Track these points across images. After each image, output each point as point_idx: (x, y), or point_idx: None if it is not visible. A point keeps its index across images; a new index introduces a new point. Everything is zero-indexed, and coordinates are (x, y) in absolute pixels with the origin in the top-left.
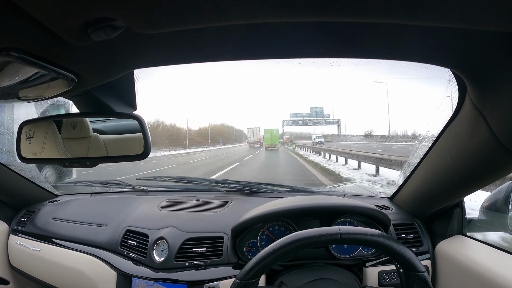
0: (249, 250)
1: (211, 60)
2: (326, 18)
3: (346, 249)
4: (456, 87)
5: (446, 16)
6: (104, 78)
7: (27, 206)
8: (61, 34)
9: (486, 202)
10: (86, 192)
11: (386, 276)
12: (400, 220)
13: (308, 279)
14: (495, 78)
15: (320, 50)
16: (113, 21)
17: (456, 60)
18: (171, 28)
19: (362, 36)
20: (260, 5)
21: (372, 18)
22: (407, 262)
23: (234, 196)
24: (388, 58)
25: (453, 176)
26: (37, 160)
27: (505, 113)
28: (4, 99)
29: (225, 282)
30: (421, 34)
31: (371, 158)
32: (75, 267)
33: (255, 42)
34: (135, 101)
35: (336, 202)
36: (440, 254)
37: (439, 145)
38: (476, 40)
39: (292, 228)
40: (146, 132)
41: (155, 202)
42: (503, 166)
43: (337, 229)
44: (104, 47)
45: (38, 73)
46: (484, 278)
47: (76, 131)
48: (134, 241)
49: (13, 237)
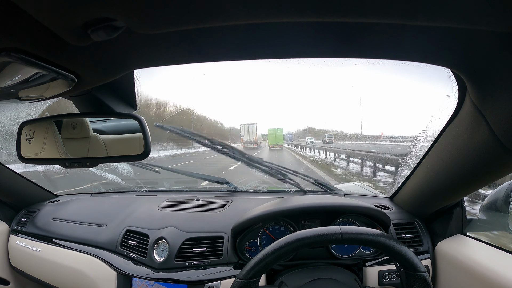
0: (249, 250)
1: (211, 60)
2: (326, 18)
3: (346, 249)
4: (456, 87)
5: (446, 16)
6: (104, 78)
7: (27, 206)
8: (61, 34)
9: (486, 201)
10: (86, 192)
11: (386, 275)
12: (400, 219)
13: (309, 278)
14: (495, 78)
15: (320, 50)
16: (113, 21)
17: (456, 60)
18: (171, 28)
19: (362, 36)
20: (260, 5)
21: (372, 18)
22: (407, 262)
23: (234, 196)
24: (388, 58)
25: (453, 175)
26: (37, 160)
27: (505, 113)
28: (4, 99)
29: (225, 282)
30: (421, 34)
31: (358, 154)
32: (75, 267)
33: (255, 42)
34: (135, 101)
35: (336, 202)
36: (440, 253)
37: (439, 144)
38: (476, 40)
39: (292, 228)
40: (146, 132)
41: (155, 202)
42: (503, 166)
43: (338, 229)
44: (104, 47)
45: (38, 73)
46: (484, 277)
47: (76, 131)
48: (134, 241)
49: (13, 237)
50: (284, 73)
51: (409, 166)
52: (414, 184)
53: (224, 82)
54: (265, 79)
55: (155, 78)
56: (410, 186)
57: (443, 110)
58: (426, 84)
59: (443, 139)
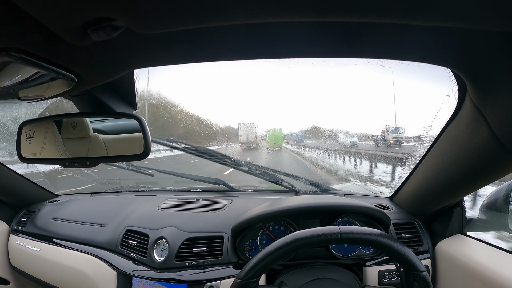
0: (249, 249)
1: (211, 60)
2: (326, 18)
3: (346, 249)
4: (456, 87)
5: (446, 16)
6: (104, 78)
7: (27, 206)
8: (61, 34)
9: (486, 201)
10: (86, 192)
11: (386, 275)
12: (400, 219)
13: (309, 278)
14: (495, 78)
15: (320, 50)
16: (113, 21)
17: (456, 60)
18: (171, 28)
19: (362, 36)
20: (260, 5)
21: (372, 18)
22: (407, 261)
23: (234, 195)
24: (388, 58)
25: (453, 175)
26: (37, 160)
27: (505, 113)
28: (4, 99)
29: (225, 281)
30: (421, 34)
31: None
32: (75, 267)
33: (255, 42)
34: (135, 101)
35: (336, 201)
36: (440, 253)
37: (439, 144)
38: (476, 40)
39: (292, 228)
40: (146, 132)
41: (155, 202)
42: (503, 166)
43: (337, 229)
44: (104, 47)
45: (38, 73)
46: (484, 277)
47: (76, 131)
48: (134, 241)
49: (13, 237)
50: (284, 72)
51: (409, 166)
52: (414, 184)
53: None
54: (264, 78)
55: (145, 77)
56: (410, 186)
57: (443, 110)
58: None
59: (443, 139)
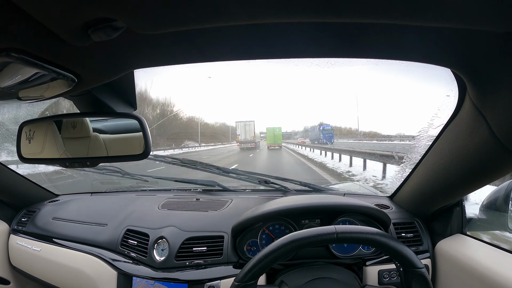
0: (250, 249)
1: (211, 60)
2: (326, 19)
3: (346, 248)
4: (456, 87)
5: (446, 16)
6: (104, 78)
7: (27, 206)
8: (61, 35)
9: (485, 201)
10: (86, 192)
11: (386, 275)
12: (400, 219)
13: (309, 278)
14: (495, 78)
15: (320, 50)
16: (113, 21)
17: (456, 60)
18: (171, 29)
19: (362, 36)
20: (260, 6)
21: (372, 18)
22: (404, 258)
23: (234, 195)
24: (388, 58)
25: (453, 175)
26: (37, 160)
27: (505, 113)
28: (4, 99)
29: (226, 281)
30: (421, 34)
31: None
32: (75, 267)
33: (255, 42)
34: (135, 101)
35: (336, 201)
36: (440, 253)
37: (439, 144)
38: (476, 40)
39: (292, 228)
40: (146, 132)
41: (155, 202)
42: (503, 166)
43: (333, 229)
44: (104, 47)
45: (38, 74)
46: (484, 277)
47: (76, 131)
48: (134, 241)
49: (14, 237)
50: (284, 72)
51: (409, 166)
52: (414, 183)
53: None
54: (264, 77)
55: (143, 78)
56: (410, 186)
57: (443, 110)
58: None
59: (443, 139)
